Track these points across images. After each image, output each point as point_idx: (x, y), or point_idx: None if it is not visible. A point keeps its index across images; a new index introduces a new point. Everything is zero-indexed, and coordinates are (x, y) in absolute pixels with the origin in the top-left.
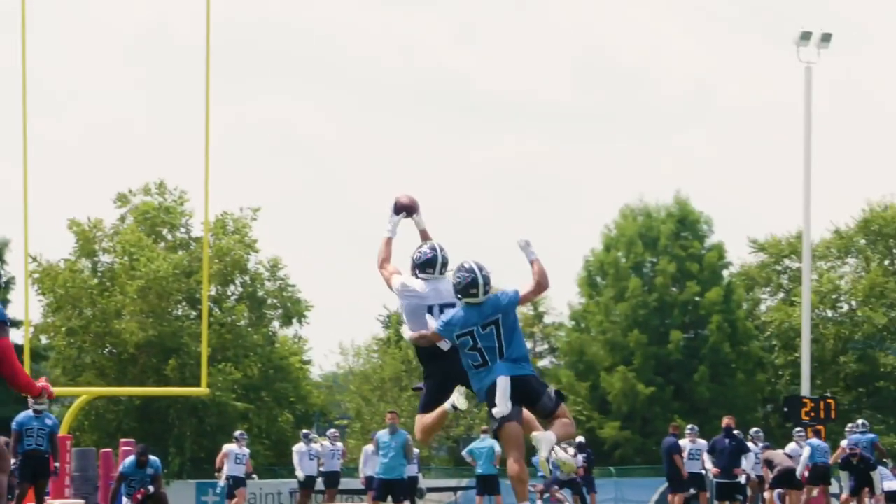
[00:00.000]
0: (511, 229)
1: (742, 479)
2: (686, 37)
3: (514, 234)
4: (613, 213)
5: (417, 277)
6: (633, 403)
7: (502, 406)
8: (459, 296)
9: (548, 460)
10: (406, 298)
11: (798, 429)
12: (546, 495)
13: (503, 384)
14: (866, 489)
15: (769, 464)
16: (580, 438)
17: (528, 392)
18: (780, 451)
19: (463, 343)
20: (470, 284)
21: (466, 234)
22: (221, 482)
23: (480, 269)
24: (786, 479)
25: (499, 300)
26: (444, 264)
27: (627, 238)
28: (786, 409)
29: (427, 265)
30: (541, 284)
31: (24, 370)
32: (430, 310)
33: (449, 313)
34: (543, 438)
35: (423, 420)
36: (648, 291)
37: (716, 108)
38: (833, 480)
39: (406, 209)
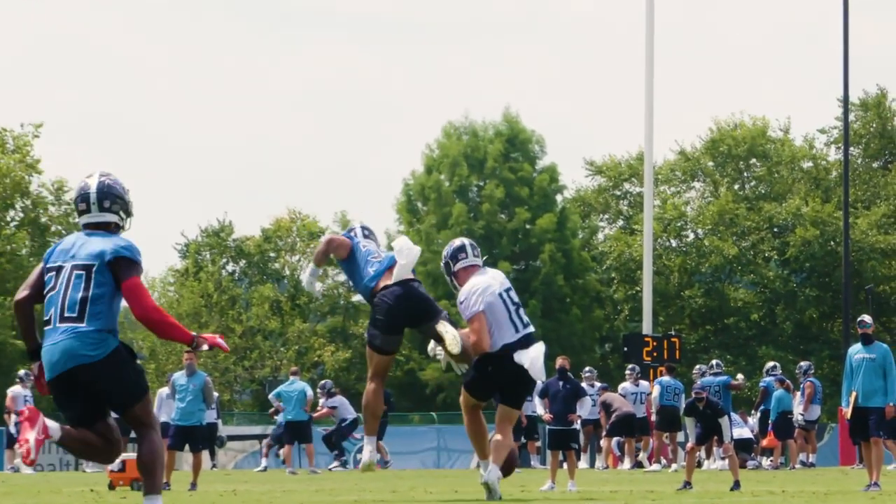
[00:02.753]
0: (328, 152)
1: (577, 426)
2: None
3: (331, 156)
4: (436, 131)
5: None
6: None
7: (403, 258)
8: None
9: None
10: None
11: (630, 366)
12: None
13: (415, 250)
14: (715, 437)
15: (607, 408)
16: None
17: (430, 306)
18: (618, 395)
19: (367, 253)
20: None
21: (284, 161)
22: (11, 428)
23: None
24: (625, 425)
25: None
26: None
27: (451, 159)
28: (626, 349)
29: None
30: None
31: (163, 310)
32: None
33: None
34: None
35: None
36: (474, 218)
37: (551, 17)
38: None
39: None
